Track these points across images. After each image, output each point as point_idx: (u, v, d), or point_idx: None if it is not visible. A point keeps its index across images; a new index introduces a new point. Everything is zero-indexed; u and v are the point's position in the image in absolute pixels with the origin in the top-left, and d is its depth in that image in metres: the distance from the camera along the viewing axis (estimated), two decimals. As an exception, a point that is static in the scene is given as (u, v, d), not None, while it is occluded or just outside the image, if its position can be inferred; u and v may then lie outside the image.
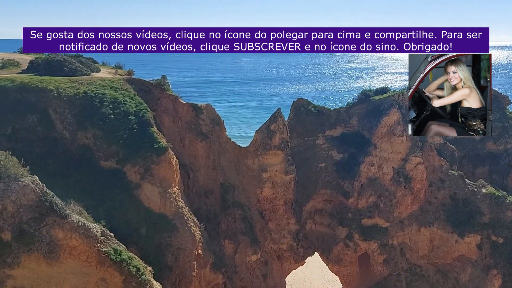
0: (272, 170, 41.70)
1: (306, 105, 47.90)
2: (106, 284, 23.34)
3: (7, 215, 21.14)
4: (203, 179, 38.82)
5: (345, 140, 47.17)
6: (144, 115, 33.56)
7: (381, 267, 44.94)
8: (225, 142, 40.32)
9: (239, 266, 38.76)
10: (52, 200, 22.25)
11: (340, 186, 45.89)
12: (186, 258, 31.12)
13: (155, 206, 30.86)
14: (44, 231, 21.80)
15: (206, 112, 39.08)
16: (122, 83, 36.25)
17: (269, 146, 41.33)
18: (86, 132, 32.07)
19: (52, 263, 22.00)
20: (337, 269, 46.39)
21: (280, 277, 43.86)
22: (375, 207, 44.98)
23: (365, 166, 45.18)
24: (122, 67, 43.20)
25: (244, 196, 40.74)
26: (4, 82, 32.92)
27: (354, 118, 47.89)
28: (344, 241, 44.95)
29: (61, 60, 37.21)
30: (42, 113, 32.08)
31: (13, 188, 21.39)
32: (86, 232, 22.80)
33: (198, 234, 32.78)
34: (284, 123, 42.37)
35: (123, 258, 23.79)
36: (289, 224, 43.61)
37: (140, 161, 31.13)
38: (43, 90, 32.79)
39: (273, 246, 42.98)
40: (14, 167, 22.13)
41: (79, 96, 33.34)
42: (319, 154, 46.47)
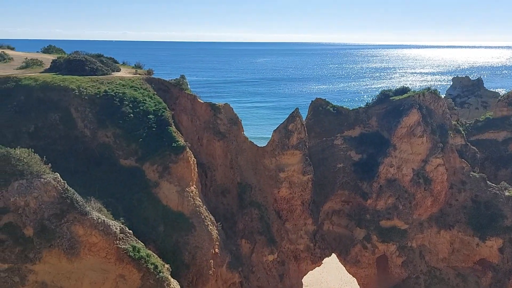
0: (289, 170, 41.57)
1: (325, 105, 47.61)
2: (125, 281, 23.61)
3: (29, 211, 21.59)
4: (220, 178, 38.97)
5: (363, 140, 46.71)
6: (163, 114, 33.88)
7: (400, 269, 44.33)
8: (242, 142, 40.39)
9: (255, 266, 38.77)
10: (73, 197, 22.63)
11: (359, 187, 45.45)
12: (203, 257, 31.29)
13: (173, 205, 31.13)
14: (65, 227, 22.17)
15: (224, 111, 39.22)
16: (141, 83, 36.67)
17: (286, 146, 41.22)
18: (106, 130, 32.55)
19: (72, 259, 22.37)
20: (354, 270, 45.96)
21: (297, 278, 43.69)
22: (394, 208, 44.39)
23: (384, 167, 44.65)
24: (142, 66, 43.69)
25: (261, 195, 40.73)
26: (27, 81, 33.67)
27: (373, 118, 47.38)
28: (362, 243, 44.50)
29: (83, 59, 37.82)
30: (64, 111, 32.69)
31: (36, 185, 21.83)
32: (106, 229, 23.10)
33: (215, 233, 32.92)
34: (302, 123, 42.20)
35: (142, 255, 24.04)
36: (306, 224, 43.41)
37: (158, 160, 31.44)
38: (65, 89, 33.41)
39: (290, 246, 42.84)
40: (36, 164, 22.59)
41: (100, 95, 33.86)
42: (337, 154, 46.12)
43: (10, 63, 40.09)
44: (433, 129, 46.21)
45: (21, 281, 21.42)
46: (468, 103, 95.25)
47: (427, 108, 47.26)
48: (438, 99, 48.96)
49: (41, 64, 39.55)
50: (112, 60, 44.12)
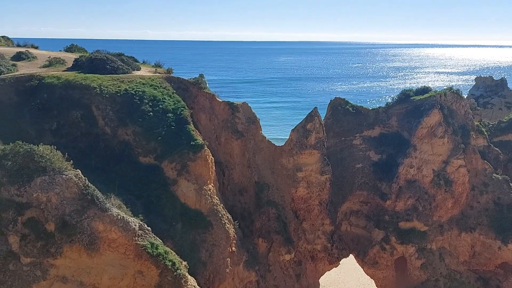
0: (307, 170, 41.41)
1: (344, 105, 47.26)
2: (143, 277, 23.90)
3: (51, 206, 22.03)
4: (238, 177, 39.08)
5: (383, 140, 46.22)
6: (181, 112, 34.15)
7: (419, 272, 43.70)
8: (260, 141, 40.41)
9: (272, 265, 38.77)
10: (93, 194, 23.00)
11: (378, 187, 45.00)
12: (220, 255, 31.44)
13: (190, 202, 31.37)
14: (85, 223, 22.53)
15: (242, 110, 39.30)
16: (161, 81, 37.04)
17: (304, 146, 41.07)
18: (126, 128, 32.99)
19: (92, 254, 22.73)
20: (372, 272, 45.52)
21: (314, 278, 43.52)
22: (414, 210, 43.80)
23: (404, 168, 44.08)
24: (162, 65, 44.09)
25: (279, 195, 40.69)
26: (50, 79, 34.37)
27: (393, 118, 46.82)
28: (381, 244, 44.04)
29: (104, 58, 38.38)
30: (85, 109, 33.25)
31: (58, 181, 22.27)
32: (125, 226, 23.40)
33: (232, 231, 33.04)
34: (320, 122, 41.98)
35: (160, 252, 24.27)
36: (324, 224, 43.17)
37: (177, 158, 31.72)
38: (86, 87, 33.98)
39: (307, 246, 42.69)
40: (58, 161, 23.02)
41: (120, 94, 34.32)
42: (356, 154, 45.76)
43: (34, 62, 40.96)
44: (454, 130, 45.41)
45: (42, 275, 21.88)
46: (491, 104, 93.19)
47: (449, 108, 46.46)
48: (460, 99, 48.07)
49: (64, 63, 40.26)
50: (133, 59, 44.65)
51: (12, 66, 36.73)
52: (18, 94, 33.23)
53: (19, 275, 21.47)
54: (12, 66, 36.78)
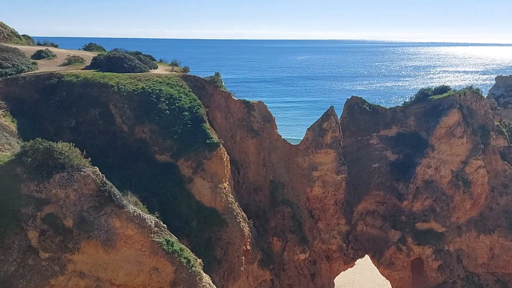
0: (323, 169, 41.20)
1: (360, 104, 46.87)
2: (158, 273, 24.07)
3: (69, 203, 22.33)
4: (253, 176, 39.10)
5: (400, 140, 45.69)
6: (197, 111, 34.33)
7: (436, 273, 43.11)
8: (275, 140, 40.35)
9: (287, 264, 38.71)
10: (110, 191, 23.23)
11: (394, 188, 44.54)
12: (234, 253, 31.53)
13: (206, 200, 31.52)
14: (102, 219, 22.78)
15: (257, 109, 39.30)
16: (177, 80, 37.27)
17: (320, 145, 40.86)
18: (143, 126, 33.31)
19: (109, 250, 22.96)
20: (388, 273, 45.07)
21: (329, 278, 43.29)
22: (431, 210, 43.22)
23: (422, 168, 43.52)
24: (178, 64, 44.37)
25: (294, 194, 40.58)
26: (69, 78, 34.90)
27: (411, 117, 46.25)
28: (397, 245, 43.57)
29: (122, 57, 38.80)
30: (103, 107, 33.69)
31: (76, 178, 22.56)
32: (141, 223, 23.60)
33: (247, 229, 33.09)
34: (336, 121, 41.71)
35: (175, 249, 24.41)
36: (339, 224, 42.91)
37: (192, 156, 31.90)
38: (104, 86, 34.41)
39: (322, 246, 42.49)
40: (77, 158, 23.33)
41: (138, 92, 34.66)
42: (373, 154, 45.35)
43: (54, 60, 41.62)
44: (474, 130, 44.63)
45: (60, 270, 22.21)
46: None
47: (468, 108, 45.68)
48: (480, 99, 47.20)
49: (83, 61, 40.80)
50: (150, 58, 45.03)
51: (33, 65, 37.40)
52: (38, 92, 33.84)
53: (38, 270, 21.85)
54: (32, 64, 37.45)
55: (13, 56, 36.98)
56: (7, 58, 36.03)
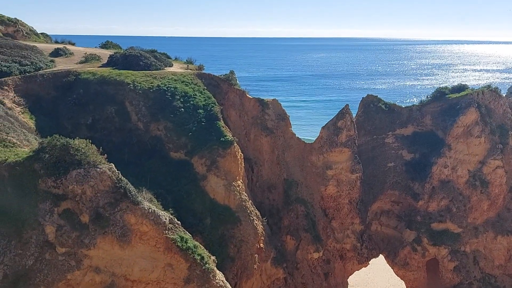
0: (337, 168, 40.98)
1: (376, 102, 46.47)
2: (172, 270, 24.26)
3: (86, 199, 22.64)
4: (266, 174, 39.10)
5: (416, 139, 45.18)
6: (212, 109, 34.45)
7: (451, 274, 42.55)
8: (289, 138, 40.27)
9: (300, 263, 38.64)
10: (126, 187, 23.47)
11: (410, 187, 44.07)
12: (248, 251, 31.59)
13: (219, 198, 31.64)
14: (118, 215, 23.03)
15: (272, 107, 39.26)
16: (192, 78, 37.45)
17: (335, 143, 40.64)
18: (158, 124, 33.58)
19: (124, 246, 23.22)
20: (403, 273, 44.64)
21: (342, 277, 43.09)
22: (447, 211, 42.65)
23: (438, 168, 42.97)
24: (193, 62, 44.58)
25: (308, 192, 40.46)
26: (86, 75, 35.39)
27: (428, 116, 45.67)
28: (412, 245, 43.13)
29: (138, 55, 39.16)
30: (119, 105, 34.08)
31: (92, 174, 22.84)
32: (156, 219, 23.80)
33: (260, 227, 33.12)
34: (352, 120, 41.43)
35: (189, 246, 24.55)
36: (353, 224, 42.66)
37: (206, 154, 32.04)
38: (120, 83, 34.79)
39: (335, 245, 42.30)
40: (93, 154, 23.61)
41: (153, 90, 34.95)
42: (388, 153, 44.94)
43: (71, 58, 42.24)
44: (492, 129, 43.85)
45: (76, 265, 22.55)
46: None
47: (487, 107, 44.88)
48: (498, 98, 46.34)
49: (99, 59, 41.32)
50: (165, 56, 45.34)
51: (51, 62, 38.02)
52: (56, 89, 34.38)
53: (55, 264, 22.23)
54: (50, 62, 38.07)
55: (31, 54, 37.65)
56: (26, 56, 36.70)
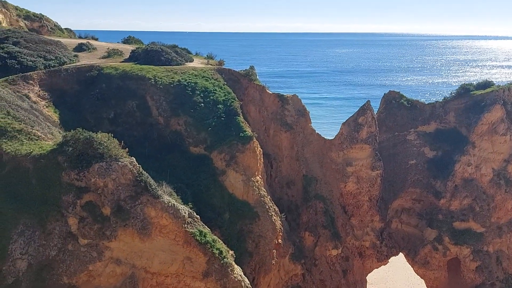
0: (357, 165, 40.59)
1: (398, 98, 45.77)
2: (191, 263, 24.50)
3: (107, 192, 23.03)
4: (285, 170, 39.01)
5: (439, 136, 44.36)
6: (231, 104, 34.50)
7: (473, 274, 41.75)
8: (309, 134, 40.04)
9: (318, 259, 38.50)
10: (146, 181, 23.77)
11: (431, 185, 43.36)
12: (266, 246, 31.64)
13: (238, 193, 31.74)
14: (138, 208, 23.36)
15: (292, 102, 39.08)
16: (212, 73, 37.57)
17: (355, 140, 40.24)
18: (179, 118, 33.83)
19: (144, 238, 23.56)
20: (423, 272, 44.04)
21: (361, 275, 42.77)
22: (470, 210, 41.81)
23: (461, 166, 42.12)
24: (214, 57, 44.68)
25: (327, 189, 40.21)
26: (109, 70, 35.88)
27: (451, 113, 44.75)
28: (433, 244, 42.48)
29: (159, 50, 39.45)
30: (140, 99, 34.46)
31: (114, 168, 23.20)
32: (175, 213, 24.05)
33: (278, 223, 33.11)
34: (373, 116, 40.92)
35: (208, 240, 24.75)
36: (373, 221, 42.24)
37: (226, 149, 32.15)
38: (142, 78, 35.16)
39: (354, 243, 41.99)
40: (115, 148, 23.97)
41: (174, 85, 35.21)
42: (410, 150, 44.28)
43: (94, 53, 42.87)
44: (518, 127, 42.68)
45: (98, 256, 23.00)
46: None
47: (513, 104, 43.71)
48: (526, 95, 45.02)
49: (121, 54, 41.78)
50: (186, 51, 45.57)
51: (74, 57, 38.69)
52: (79, 84, 34.98)
53: (77, 255, 22.72)
54: (74, 57, 38.74)
55: (56, 49, 38.37)
56: (51, 50, 37.42)
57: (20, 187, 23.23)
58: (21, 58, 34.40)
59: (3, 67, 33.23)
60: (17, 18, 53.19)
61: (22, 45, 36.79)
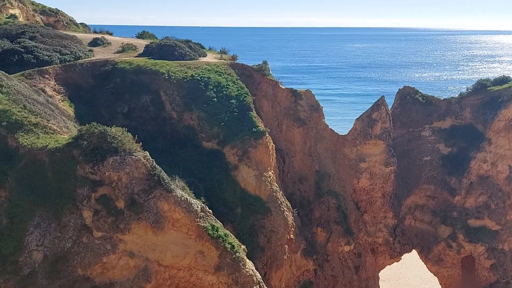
0: (371, 161, 40.30)
1: (413, 94, 45.24)
2: (204, 257, 24.68)
3: (121, 185, 23.27)
4: (298, 165, 38.91)
5: (454, 133, 43.76)
6: (244, 99, 34.49)
7: (488, 272, 41.26)
8: (322, 129, 39.84)
9: (330, 255, 38.42)
10: (160, 175, 23.95)
11: (446, 182, 42.86)
12: (278, 241, 31.67)
13: (250, 188, 31.78)
14: (152, 202, 23.57)
15: (305, 98, 38.89)
16: (226, 68, 37.57)
17: (369, 135, 39.93)
18: (192, 113, 33.95)
19: (157, 232, 23.79)
20: (436, 269, 43.66)
21: (373, 271, 42.59)
22: (485, 207, 41.26)
23: (476, 163, 41.53)
24: (227, 52, 44.64)
25: (340, 185, 40.02)
26: (123, 65, 36.15)
27: (467, 109, 44.07)
28: (447, 241, 42.05)
29: (173, 45, 39.58)
30: (154, 94, 34.66)
31: (128, 162, 23.41)
32: (188, 207, 24.21)
33: (291, 218, 33.10)
34: (387, 111, 40.53)
35: (220, 234, 24.88)
36: (386, 217, 41.96)
37: (238, 144, 32.18)
38: (156, 73, 35.34)
39: (367, 239, 41.78)
40: (129, 142, 24.18)
41: (187, 80, 35.32)
42: (424, 146, 43.79)
43: (109, 48, 43.17)
44: (537, 124, 41.85)
45: (112, 248, 23.29)
46: None
47: (531, 100, 42.81)
48: (545, 91, 44.05)
49: (135, 49, 42.00)
50: (199, 46, 45.59)
51: (89, 52, 39.03)
52: (94, 78, 35.33)
53: (91, 248, 23.04)
54: (89, 51, 39.08)
55: (71, 43, 38.77)
56: (66, 45, 37.83)
57: (36, 180, 23.60)
58: (37, 52, 34.84)
59: (20, 61, 33.71)
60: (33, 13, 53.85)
61: (38, 39, 37.27)
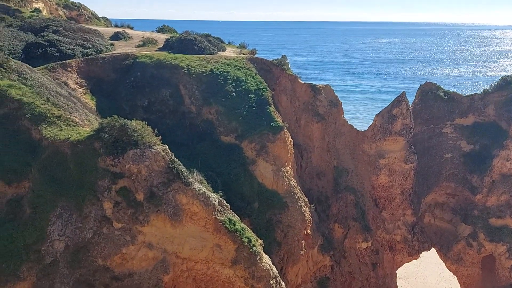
0: (390, 157, 39.84)
1: (435, 90, 44.42)
2: (221, 250, 24.89)
3: (141, 178, 23.61)
4: (316, 161, 38.75)
5: (477, 130, 42.86)
6: (263, 94, 34.46)
7: (509, 272, 40.46)
8: (341, 125, 39.54)
9: (348, 252, 38.25)
10: (178, 168, 24.21)
11: (467, 180, 42.07)
12: (295, 236, 31.68)
13: (268, 183, 31.82)
14: (170, 195, 23.86)
15: (324, 93, 38.62)
16: (245, 62, 37.56)
17: (389, 132, 39.45)
18: (210, 107, 34.12)
19: (176, 224, 24.08)
20: (455, 268, 43.01)
21: (391, 268, 42.23)
22: (507, 206, 40.38)
23: (499, 161, 40.63)
24: (246, 46, 44.62)
25: (358, 181, 39.71)
26: (143, 59, 36.53)
27: (491, 106, 43.08)
28: (467, 240, 41.36)
29: (192, 39, 39.77)
30: (173, 88, 34.95)
31: (147, 155, 23.74)
32: (206, 200, 24.42)
33: (308, 214, 33.04)
34: (408, 108, 39.96)
35: (237, 228, 25.03)
36: (405, 215, 41.48)
37: (256, 138, 32.22)
38: (175, 67, 35.61)
39: (385, 236, 41.41)
40: (148, 136, 24.51)
41: (206, 74, 35.48)
42: (446, 143, 43.03)
43: (130, 42, 43.67)
44: None
45: (131, 240, 23.69)
46: None
47: (559, 97, 41.61)
48: None
49: (156, 43, 42.37)
50: (219, 40, 45.71)
51: (110, 46, 39.56)
52: (115, 72, 35.80)
53: (111, 239, 23.49)
54: (110, 45, 39.61)
55: (93, 37, 39.35)
56: (88, 39, 38.42)
57: (58, 171, 24.12)
58: (60, 46, 35.50)
59: (44, 54, 34.40)
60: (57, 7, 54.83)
61: (61, 33, 37.95)
